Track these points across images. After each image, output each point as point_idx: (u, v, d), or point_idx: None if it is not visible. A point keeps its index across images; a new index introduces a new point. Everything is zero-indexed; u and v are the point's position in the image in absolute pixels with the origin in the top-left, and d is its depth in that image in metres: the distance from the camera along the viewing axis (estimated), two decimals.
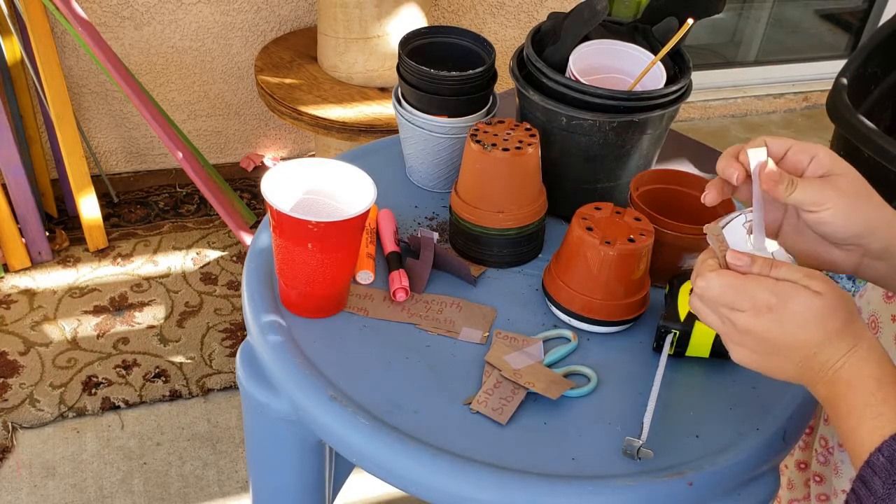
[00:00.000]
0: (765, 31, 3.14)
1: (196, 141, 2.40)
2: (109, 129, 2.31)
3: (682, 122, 2.95)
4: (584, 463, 0.79)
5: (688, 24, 0.93)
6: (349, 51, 1.96)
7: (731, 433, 0.83)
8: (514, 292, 0.97)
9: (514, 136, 0.94)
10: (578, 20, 0.99)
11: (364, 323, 0.92)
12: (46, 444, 1.68)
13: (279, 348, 0.86)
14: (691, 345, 0.88)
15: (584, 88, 0.94)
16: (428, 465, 0.77)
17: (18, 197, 1.98)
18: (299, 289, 0.88)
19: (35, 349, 1.85)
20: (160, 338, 1.91)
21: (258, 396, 0.87)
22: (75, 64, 2.17)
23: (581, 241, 0.87)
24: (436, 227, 1.06)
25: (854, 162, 0.71)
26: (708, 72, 2.99)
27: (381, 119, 1.88)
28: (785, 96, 3.06)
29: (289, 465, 0.95)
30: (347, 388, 0.83)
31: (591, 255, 0.87)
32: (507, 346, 0.89)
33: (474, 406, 0.83)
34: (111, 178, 2.35)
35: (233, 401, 1.80)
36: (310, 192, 0.90)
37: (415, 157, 1.10)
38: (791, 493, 1.10)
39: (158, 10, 2.16)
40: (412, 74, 1.03)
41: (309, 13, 2.30)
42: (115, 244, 2.15)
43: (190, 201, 2.33)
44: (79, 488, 1.61)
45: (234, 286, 2.06)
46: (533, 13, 2.54)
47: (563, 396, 0.84)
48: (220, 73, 2.32)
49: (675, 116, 1.01)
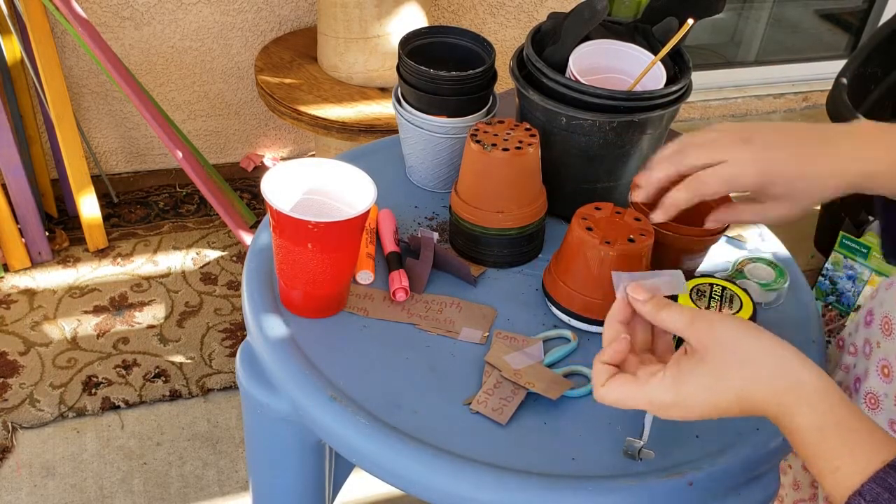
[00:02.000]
0: (765, 31, 3.14)
1: (196, 141, 2.40)
2: (109, 129, 2.31)
3: (682, 122, 2.95)
4: (584, 463, 0.79)
5: (688, 24, 0.93)
6: (349, 51, 1.96)
7: (731, 433, 0.83)
8: (514, 292, 0.97)
9: (514, 136, 0.94)
10: (578, 20, 0.99)
11: (364, 323, 0.92)
12: (46, 444, 1.68)
13: (279, 348, 0.86)
14: None
15: (583, 88, 0.94)
16: (428, 465, 0.77)
17: (18, 197, 1.98)
18: (299, 289, 0.88)
19: (35, 349, 1.85)
20: (160, 338, 1.91)
21: (258, 396, 0.87)
22: (75, 64, 2.17)
23: (581, 241, 0.87)
24: (436, 227, 1.06)
25: None
26: (708, 72, 2.99)
27: (381, 119, 1.88)
28: (785, 96, 3.06)
29: (289, 465, 0.95)
30: (347, 388, 0.83)
31: (591, 255, 0.87)
32: (507, 346, 0.90)
33: (474, 406, 0.83)
34: (111, 178, 2.35)
35: (233, 401, 1.80)
36: (310, 192, 0.90)
37: (415, 157, 1.10)
38: (797, 494, 1.10)
39: (158, 10, 2.16)
40: (412, 74, 1.03)
41: (309, 13, 2.30)
42: (115, 244, 2.15)
43: (190, 201, 2.33)
44: (79, 488, 1.61)
45: (234, 286, 2.06)
46: (533, 13, 2.54)
47: (563, 396, 0.85)
48: (220, 73, 2.32)
49: (675, 116, 1.01)
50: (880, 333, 0.97)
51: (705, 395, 0.62)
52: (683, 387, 0.63)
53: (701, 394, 0.62)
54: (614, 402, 0.67)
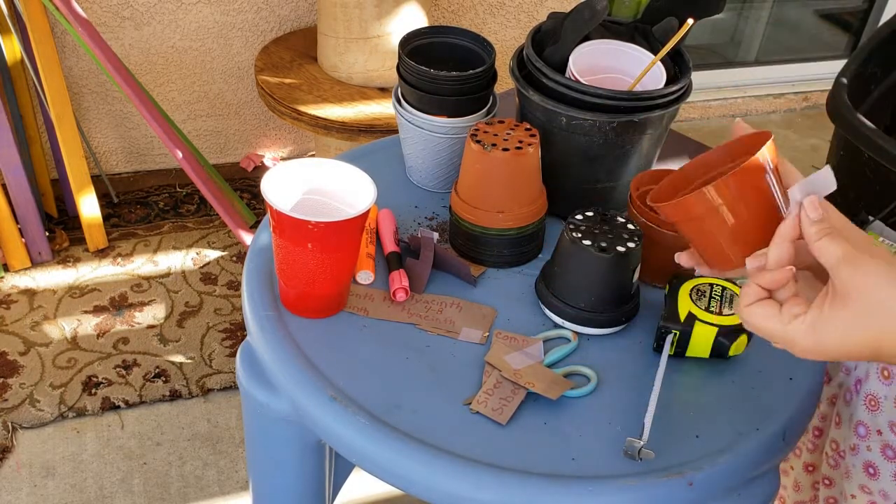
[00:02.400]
0: (765, 31, 3.14)
1: (196, 141, 2.40)
2: (109, 129, 2.31)
3: (682, 122, 2.95)
4: (584, 463, 0.79)
5: (688, 24, 0.93)
6: (349, 51, 1.96)
7: (731, 433, 0.83)
8: (514, 292, 0.97)
9: (514, 136, 0.94)
10: (578, 20, 0.99)
11: (364, 323, 0.92)
12: (46, 444, 1.68)
13: (279, 348, 0.86)
14: (691, 345, 0.88)
15: (584, 88, 0.94)
16: (428, 465, 0.77)
17: (18, 197, 1.98)
18: (299, 289, 0.88)
19: (35, 349, 1.85)
20: (160, 338, 1.91)
21: (258, 396, 0.87)
22: (75, 64, 2.17)
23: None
24: (436, 227, 1.06)
25: (854, 162, 0.70)
26: (708, 72, 2.99)
27: (381, 119, 1.88)
28: (785, 96, 3.06)
29: (289, 466, 0.95)
30: (347, 388, 0.83)
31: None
32: (507, 346, 0.89)
33: (474, 406, 0.83)
34: (111, 178, 2.35)
35: (233, 401, 1.80)
36: (310, 192, 0.90)
37: (415, 157, 1.10)
38: (798, 495, 1.10)
39: (158, 10, 2.16)
40: (412, 74, 1.03)
41: (309, 13, 2.30)
42: (115, 244, 2.15)
43: (190, 201, 2.33)
44: (79, 488, 1.61)
45: (234, 286, 2.06)
46: (533, 13, 2.54)
47: (563, 396, 0.84)
48: (220, 73, 2.32)
49: (676, 116, 1.01)
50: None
51: (842, 340, 0.63)
52: (823, 333, 0.63)
53: (838, 338, 0.63)
54: (753, 327, 0.67)
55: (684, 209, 0.68)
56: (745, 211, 0.66)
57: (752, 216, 0.67)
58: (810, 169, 2.79)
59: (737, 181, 0.65)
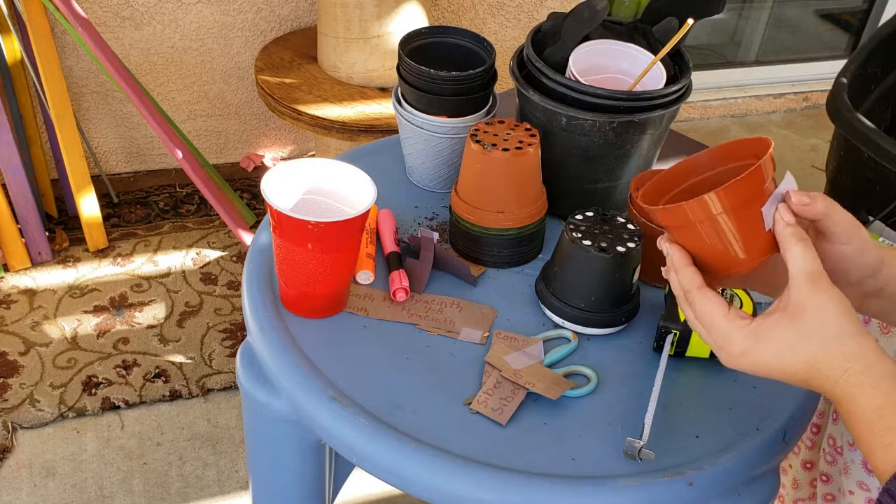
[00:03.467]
0: (765, 31, 3.15)
1: (196, 141, 2.40)
2: (109, 129, 2.31)
3: (682, 122, 2.95)
4: (584, 463, 0.79)
5: (688, 24, 0.93)
6: (349, 51, 1.96)
7: (731, 433, 0.83)
8: (514, 292, 0.97)
9: (514, 136, 0.94)
10: (578, 20, 0.99)
11: (364, 323, 0.92)
12: (46, 444, 1.68)
13: (279, 348, 0.86)
14: (691, 345, 0.88)
15: (583, 88, 0.94)
16: (428, 465, 0.77)
17: (18, 197, 1.98)
18: (299, 289, 0.88)
19: (35, 349, 1.85)
20: (160, 338, 1.91)
21: (258, 396, 0.87)
22: (75, 64, 2.17)
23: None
24: (436, 227, 1.06)
25: (854, 162, 0.70)
26: (708, 72, 2.99)
27: (381, 119, 1.88)
28: (785, 96, 3.06)
29: (289, 465, 0.95)
30: (347, 388, 0.83)
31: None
32: (507, 346, 0.89)
33: (474, 406, 0.83)
34: (111, 178, 2.35)
35: (233, 401, 1.80)
36: (310, 192, 0.90)
37: (415, 157, 1.10)
38: (796, 493, 1.10)
39: (158, 10, 2.16)
40: (412, 74, 1.03)
41: (309, 13, 2.30)
42: (115, 244, 2.15)
43: (190, 201, 2.33)
44: (79, 488, 1.61)
45: (234, 286, 2.06)
46: (533, 13, 2.54)
47: (563, 397, 0.84)
48: (220, 73, 2.32)
49: (675, 116, 1.01)
50: (878, 332, 0.98)
51: (780, 354, 0.63)
52: (763, 341, 0.63)
53: (776, 351, 0.63)
54: (698, 311, 0.67)
55: (680, 215, 0.67)
56: (738, 222, 0.66)
57: (745, 228, 0.66)
58: (810, 169, 2.79)
59: (739, 189, 0.64)
